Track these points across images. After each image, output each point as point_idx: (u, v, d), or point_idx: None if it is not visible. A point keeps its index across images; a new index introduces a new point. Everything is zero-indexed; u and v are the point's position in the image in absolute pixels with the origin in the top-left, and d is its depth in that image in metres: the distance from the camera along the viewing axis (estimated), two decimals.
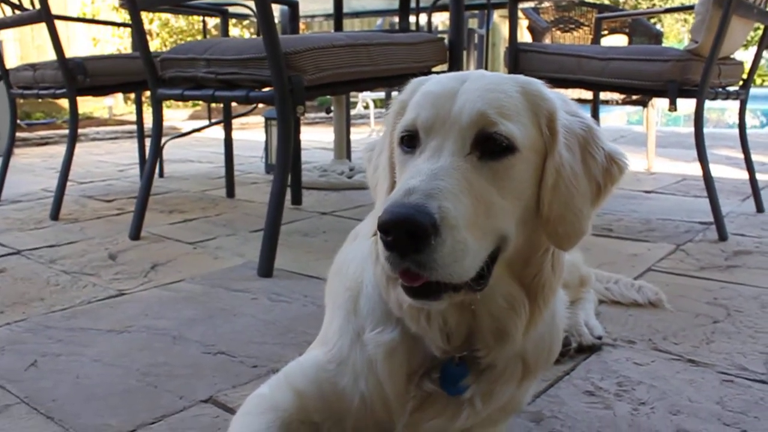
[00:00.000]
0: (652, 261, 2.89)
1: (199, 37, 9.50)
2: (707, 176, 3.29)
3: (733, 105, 3.95)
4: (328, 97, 10.11)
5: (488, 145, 1.12)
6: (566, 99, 1.26)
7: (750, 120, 10.71)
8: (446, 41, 3.31)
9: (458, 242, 1.02)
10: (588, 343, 1.94)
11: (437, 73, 2.73)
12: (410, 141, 1.20)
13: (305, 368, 1.41)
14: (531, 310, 1.22)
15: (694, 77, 3.25)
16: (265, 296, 2.43)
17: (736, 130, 4.05)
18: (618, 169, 1.24)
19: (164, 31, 11.21)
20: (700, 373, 1.82)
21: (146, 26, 5.04)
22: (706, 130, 3.33)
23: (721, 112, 12.79)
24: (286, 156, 2.71)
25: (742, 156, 4.01)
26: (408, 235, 0.99)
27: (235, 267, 2.80)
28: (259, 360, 1.90)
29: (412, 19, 4.68)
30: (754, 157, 4.04)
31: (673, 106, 3.28)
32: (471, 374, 1.26)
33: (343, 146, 5.11)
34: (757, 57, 3.99)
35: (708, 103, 3.35)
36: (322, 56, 2.72)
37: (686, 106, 3.50)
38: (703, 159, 3.28)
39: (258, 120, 9.59)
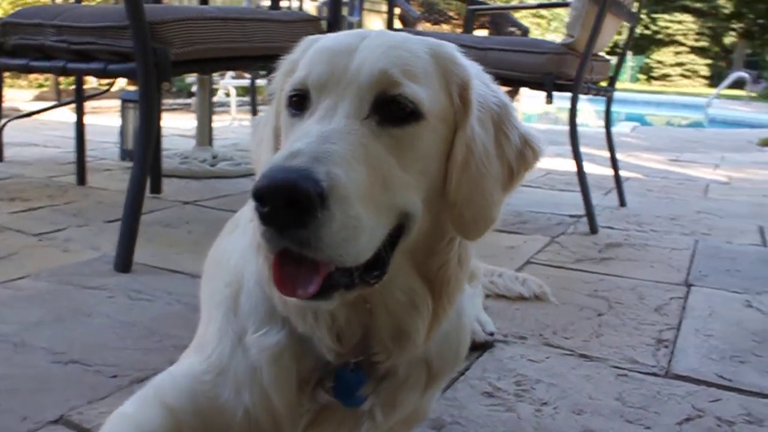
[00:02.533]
0: (529, 253, 2.86)
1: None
2: (581, 172, 3.32)
3: (581, 105, 3.98)
4: (188, 81, 9.69)
5: (390, 109, 0.97)
6: (481, 68, 1.12)
7: (595, 120, 11.29)
8: (323, 23, 3.14)
9: (350, 217, 0.86)
10: (481, 341, 1.84)
11: None
12: (300, 103, 1.03)
13: (178, 380, 1.20)
14: (434, 307, 1.08)
15: (569, 71, 3.27)
16: (124, 294, 2.16)
17: (587, 129, 4.14)
18: (533, 154, 1.11)
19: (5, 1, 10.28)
20: (595, 369, 1.77)
21: None
22: (557, 128, 3.36)
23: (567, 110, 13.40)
24: (148, 137, 2.44)
25: (597, 152, 4.12)
26: (288, 204, 0.82)
27: (89, 261, 2.49)
28: (119, 369, 1.65)
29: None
30: (602, 153, 4.15)
31: (549, 99, 3.28)
32: (369, 382, 1.11)
33: (206, 133, 4.81)
34: (622, 56, 4.11)
35: (556, 102, 3.37)
36: (192, 28, 2.47)
37: (537, 104, 3.53)
38: (577, 155, 3.31)
39: (112, 104, 9.01)
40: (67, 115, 7.79)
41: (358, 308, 1.06)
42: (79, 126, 3.87)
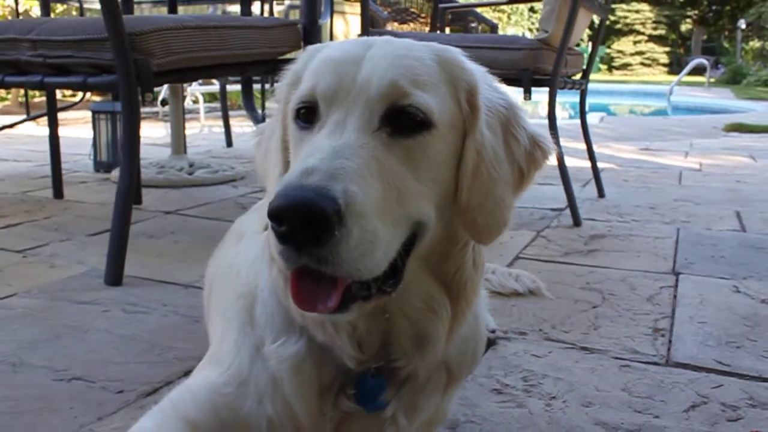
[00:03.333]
0: (518, 249, 2.88)
1: None
2: (562, 165, 3.35)
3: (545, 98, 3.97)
4: (157, 89, 9.59)
5: (400, 120, 0.97)
6: (485, 71, 1.12)
7: (561, 112, 11.40)
8: (300, 27, 3.13)
9: (367, 232, 0.86)
10: None
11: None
12: (308, 115, 1.02)
13: (197, 393, 1.18)
14: (453, 311, 1.09)
15: (545, 66, 3.30)
16: (118, 308, 2.14)
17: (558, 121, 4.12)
18: (542, 154, 1.12)
19: None
20: (598, 361, 1.79)
21: None
22: (530, 122, 3.38)
23: (535, 105, 13.55)
24: (133, 149, 2.41)
25: (569, 144, 4.15)
26: (306, 224, 0.82)
27: (77, 276, 2.46)
28: (124, 384, 1.63)
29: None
30: (570, 144, 4.20)
31: (527, 95, 3.30)
32: (391, 387, 1.11)
33: (181, 141, 4.75)
34: (594, 48, 4.15)
35: (521, 96, 3.39)
36: (172, 38, 2.45)
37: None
38: (557, 149, 3.33)
39: (79, 115, 8.89)
40: (33, 128, 7.66)
41: (378, 316, 1.06)
42: (53, 139, 3.80)
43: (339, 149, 0.90)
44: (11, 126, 4.42)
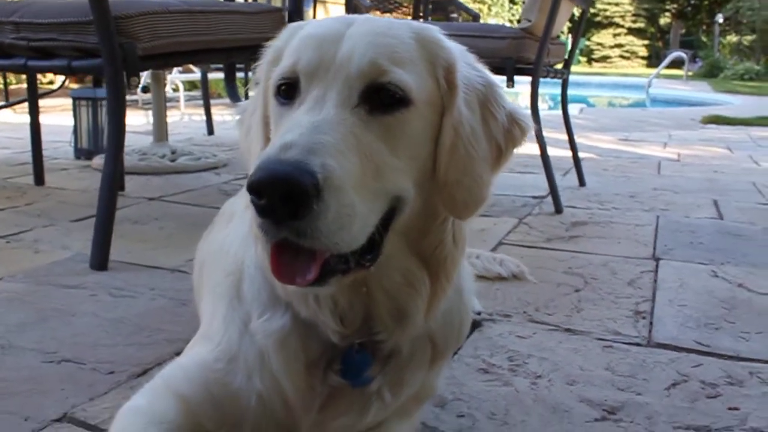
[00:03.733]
0: (500, 235, 2.92)
1: None
2: (544, 154, 3.39)
3: (526, 89, 4.00)
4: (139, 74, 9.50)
5: (379, 97, 0.98)
6: (464, 49, 1.13)
7: (541, 103, 11.47)
8: (284, 13, 3.13)
9: (344, 206, 0.88)
10: None
11: None
12: (288, 91, 1.03)
13: (188, 370, 1.20)
14: (432, 286, 1.11)
15: (528, 55, 3.34)
16: (105, 292, 2.14)
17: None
18: (520, 131, 1.13)
19: None
20: (581, 342, 1.83)
21: None
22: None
23: (515, 95, 13.63)
24: (119, 134, 2.40)
25: (549, 134, 4.16)
26: (285, 197, 0.84)
27: (62, 261, 2.45)
28: (114, 365, 1.64)
29: None
30: (551, 134, 4.23)
31: (510, 83, 3.33)
32: (376, 362, 1.14)
33: (164, 128, 4.73)
34: (576, 39, 4.19)
35: (504, 85, 3.42)
36: (158, 22, 2.44)
37: None
38: (540, 137, 3.37)
39: (57, 102, 8.79)
40: (10, 115, 7.57)
41: (357, 290, 1.07)
42: (34, 125, 3.78)
43: (318, 124, 0.92)
44: None
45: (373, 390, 1.14)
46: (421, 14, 5.11)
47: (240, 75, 5.62)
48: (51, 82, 10.21)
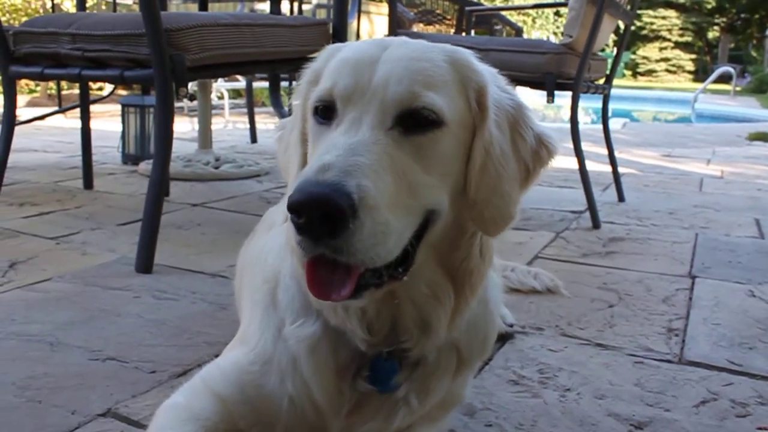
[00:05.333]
0: (537, 249, 2.93)
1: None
2: (583, 169, 3.40)
3: (569, 103, 3.97)
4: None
5: (413, 119, 1.03)
6: (495, 72, 1.18)
7: (583, 117, 11.41)
8: (330, 27, 3.20)
9: (379, 224, 0.93)
10: (501, 332, 1.91)
11: None
12: (326, 112, 1.09)
13: (226, 371, 1.26)
14: (456, 299, 1.15)
15: (569, 70, 3.35)
16: (149, 294, 2.22)
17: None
18: (547, 153, 1.18)
19: None
20: (612, 357, 1.84)
21: None
22: (548, 125, 3.43)
23: (558, 109, 13.55)
24: (166, 142, 2.49)
25: (589, 149, 4.16)
26: (323, 217, 0.89)
27: (109, 263, 2.55)
28: (156, 365, 1.71)
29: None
30: (592, 149, 4.22)
31: (551, 98, 3.35)
32: (403, 370, 1.18)
33: (208, 136, 4.84)
34: (619, 53, 4.18)
35: (543, 99, 3.43)
36: (207, 35, 2.53)
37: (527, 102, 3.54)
38: (579, 152, 3.38)
39: (106, 108, 9.03)
40: (61, 120, 7.80)
41: (385, 300, 1.12)
42: (85, 131, 3.91)
43: (354, 146, 0.97)
44: (43, 117, 4.53)
45: (400, 396, 1.19)
46: (464, 27, 5.16)
47: (284, 84, 5.72)
48: (101, 89, 10.49)
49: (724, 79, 22.02)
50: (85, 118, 3.91)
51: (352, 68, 1.07)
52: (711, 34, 42.89)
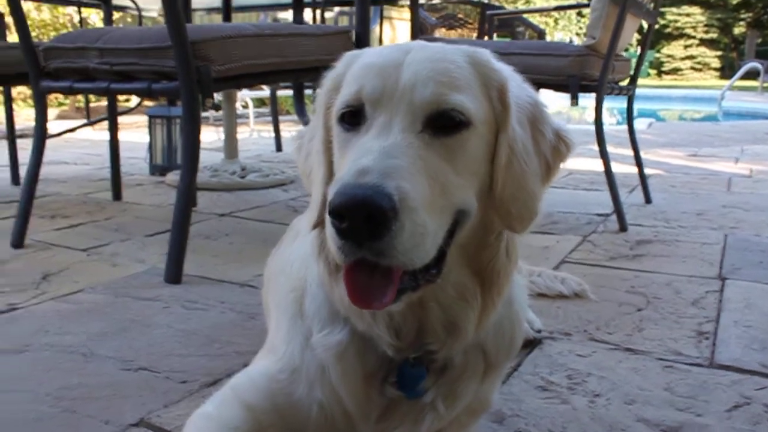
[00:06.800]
0: (564, 253, 2.92)
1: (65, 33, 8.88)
2: (609, 171, 3.38)
3: (593, 104, 3.90)
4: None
5: (442, 121, 1.04)
6: (513, 70, 1.19)
7: (608, 118, 11.32)
8: (352, 34, 3.21)
9: (418, 225, 0.94)
10: (530, 338, 1.91)
11: None
12: (352, 117, 1.09)
13: (255, 380, 1.28)
14: (483, 300, 1.15)
15: (592, 72, 3.33)
16: (179, 304, 2.25)
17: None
18: (566, 147, 1.19)
19: None
20: (641, 361, 1.83)
21: None
22: (573, 127, 3.41)
23: (582, 110, 13.47)
24: (193, 152, 2.53)
25: (614, 150, 4.13)
26: (366, 220, 0.89)
27: (138, 274, 2.59)
28: (187, 375, 1.73)
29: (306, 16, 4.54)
30: (617, 150, 4.17)
31: (574, 101, 3.34)
32: (430, 375, 1.18)
33: (234, 145, 4.90)
34: (643, 52, 4.15)
35: (567, 100, 3.40)
36: (231, 46, 2.56)
37: (550, 104, 3.51)
38: (604, 154, 3.36)
39: (132, 120, 9.15)
40: (89, 132, 7.92)
41: (413, 305, 1.12)
42: (113, 143, 3.97)
43: (388, 149, 0.98)
44: (73, 130, 4.59)
45: (427, 402, 1.19)
46: (486, 31, 5.16)
47: (308, 92, 5.75)
48: (128, 101, 10.64)
49: (752, 75, 21.66)
50: (113, 130, 3.97)
51: (377, 72, 1.08)
52: (737, 30, 42.29)
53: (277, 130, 6.51)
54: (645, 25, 4.13)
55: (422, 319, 1.15)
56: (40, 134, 2.91)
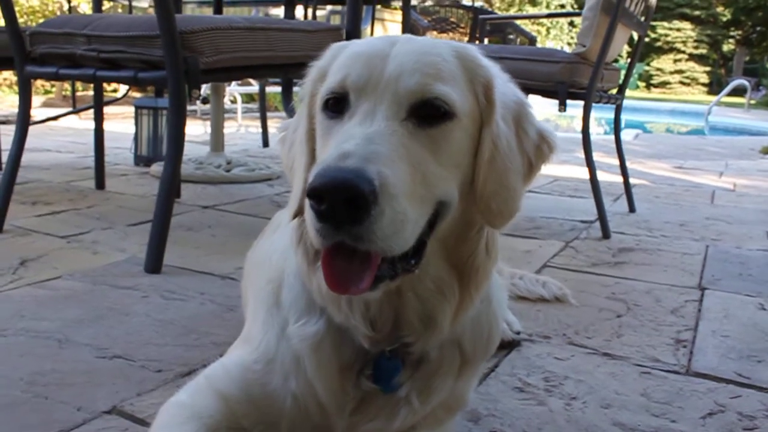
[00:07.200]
0: (546, 257, 2.93)
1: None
2: (594, 179, 3.39)
3: (581, 113, 3.93)
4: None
5: (425, 111, 1.04)
6: (499, 68, 1.19)
7: (596, 127, 11.38)
8: (343, 32, 3.21)
9: (398, 212, 0.93)
10: (508, 339, 1.91)
11: None
12: (336, 105, 1.09)
13: (229, 370, 1.27)
14: (461, 294, 1.15)
15: (581, 80, 3.34)
16: (158, 294, 2.23)
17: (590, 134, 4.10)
18: (549, 148, 1.20)
19: None
20: (619, 366, 1.84)
21: None
22: (560, 135, 3.41)
23: (570, 119, 13.52)
24: (178, 142, 2.51)
25: (600, 159, 4.15)
26: (345, 203, 0.89)
27: (118, 262, 2.56)
28: (162, 364, 1.72)
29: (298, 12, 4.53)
30: (603, 159, 4.20)
31: (563, 107, 3.35)
32: (405, 369, 1.18)
33: (221, 139, 4.86)
34: (632, 64, 4.17)
35: (555, 108, 3.42)
36: (221, 38, 2.54)
37: (537, 111, 3.52)
38: (590, 162, 3.38)
39: (117, 111, 9.08)
40: (75, 121, 7.87)
41: (390, 294, 1.12)
42: (98, 132, 3.93)
43: (371, 136, 0.97)
44: (56, 118, 4.56)
45: (402, 396, 1.19)
46: (477, 36, 5.17)
47: (297, 89, 5.74)
48: (115, 91, 10.57)
49: (739, 92, 21.89)
50: (99, 119, 3.93)
51: (364, 61, 1.08)
52: (726, 47, 42.70)
53: (264, 126, 6.49)
54: (635, 36, 4.15)
55: (399, 310, 1.14)
56: (24, 120, 2.88)
